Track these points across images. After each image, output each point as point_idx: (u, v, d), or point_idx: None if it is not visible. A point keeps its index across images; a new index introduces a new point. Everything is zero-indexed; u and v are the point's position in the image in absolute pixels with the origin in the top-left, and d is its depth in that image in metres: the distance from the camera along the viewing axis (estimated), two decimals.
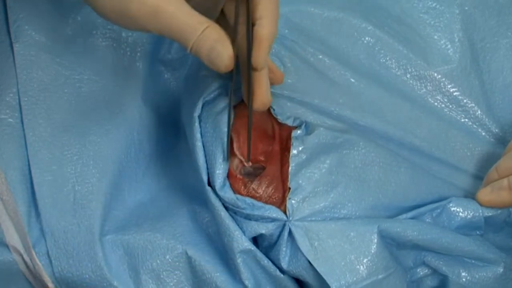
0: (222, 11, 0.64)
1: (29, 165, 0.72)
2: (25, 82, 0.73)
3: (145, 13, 0.56)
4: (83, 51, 0.75)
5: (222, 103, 0.67)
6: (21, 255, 0.71)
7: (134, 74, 0.77)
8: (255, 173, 0.66)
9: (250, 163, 0.66)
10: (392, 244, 0.68)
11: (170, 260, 0.70)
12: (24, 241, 0.71)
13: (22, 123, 0.72)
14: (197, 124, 0.67)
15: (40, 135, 0.72)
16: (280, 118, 0.70)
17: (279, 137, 0.69)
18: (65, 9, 0.75)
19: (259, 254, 0.68)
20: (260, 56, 0.60)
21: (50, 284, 0.71)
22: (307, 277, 0.68)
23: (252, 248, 0.67)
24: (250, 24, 0.59)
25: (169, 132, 0.78)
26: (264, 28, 0.60)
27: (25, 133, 0.72)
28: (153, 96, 0.78)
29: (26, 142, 0.72)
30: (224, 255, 0.70)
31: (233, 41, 0.59)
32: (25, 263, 0.71)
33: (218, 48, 0.57)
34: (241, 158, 0.67)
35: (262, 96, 0.64)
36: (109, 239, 0.71)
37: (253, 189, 0.67)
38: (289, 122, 0.70)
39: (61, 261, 0.71)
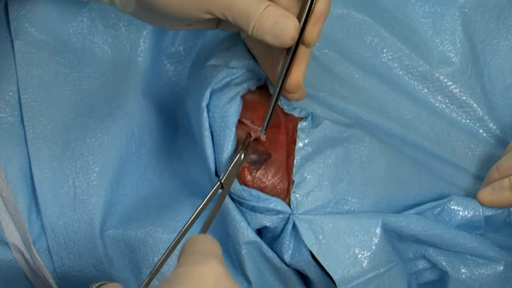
0: None
1: (29, 162, 0.72)
2: (25, 79, 0.73)
3: None
4: (82, 48, 0.76)
5: (231, 93, 0.67)
6: (21, 252, 0.70)
7: (134, 70, 0.76)
8: (260, 160, 0.66)
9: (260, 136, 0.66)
10: (394, 237, 0.68)
11: None
12: (25, 238, 0.70)
13: (22, 120, 0.72)
14: (205, 113, 0.66)
15: (40, 132, 0.72)
16: (286, 108, 0.70)
17: (285, 127, 0.69)
18: (65, 6, 0.75)
19: (265, 246, 0.67)
20: (316, 31, 0.61)
21: (51, 280, 0.70)
22: (308, 271, 0.68)
23: (257, 240, 0.67)
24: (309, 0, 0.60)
25: (170, 126, 0.78)
26: (324, 4, 0.61)
27: (25, 130, 0.72)
28: (154, 90, 0.78)
29: (26, 140, 0.72)
30: (226, 247, 0.69)
31: (299, 17, 0.60)
32: (26, 260, 0.71)
33: (283, 21, 0.58)
34: (256, 127, 0.67)
35: (300, 72, 0.64)
36: (110, 234, 0.71)
37: (259, 178, 0.66)
38: (296, 113, 0.70)
39: (62, 257, 0.70)
